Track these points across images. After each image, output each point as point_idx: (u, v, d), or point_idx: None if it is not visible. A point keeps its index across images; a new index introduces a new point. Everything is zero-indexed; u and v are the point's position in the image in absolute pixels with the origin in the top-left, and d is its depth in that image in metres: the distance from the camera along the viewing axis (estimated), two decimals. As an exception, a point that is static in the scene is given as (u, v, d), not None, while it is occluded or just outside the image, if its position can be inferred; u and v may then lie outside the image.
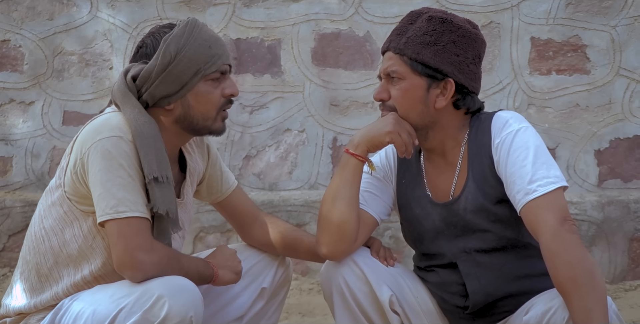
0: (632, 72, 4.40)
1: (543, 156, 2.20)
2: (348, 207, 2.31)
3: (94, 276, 2.22)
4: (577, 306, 2.02)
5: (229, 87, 2.28)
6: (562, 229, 2.10)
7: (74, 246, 2.22)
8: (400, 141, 2.28)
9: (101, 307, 2.10)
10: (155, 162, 2.16)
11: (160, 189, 2.16)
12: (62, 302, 2.21)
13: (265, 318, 2.54)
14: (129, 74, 2.26)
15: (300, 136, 4.60)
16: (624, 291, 4.17)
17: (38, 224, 2.27)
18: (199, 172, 2.48)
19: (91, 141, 2.14)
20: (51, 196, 2.26)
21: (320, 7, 4.58)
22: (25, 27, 4.77)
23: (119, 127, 2.16)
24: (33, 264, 2.26)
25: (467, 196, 2.30)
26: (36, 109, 4.75)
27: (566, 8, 4.43)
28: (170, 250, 2.20)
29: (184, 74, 2.22)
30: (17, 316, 2.28)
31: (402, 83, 2.30)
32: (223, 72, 2.28)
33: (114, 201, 2.11)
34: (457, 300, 2.36)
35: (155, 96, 2.24)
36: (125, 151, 2.14)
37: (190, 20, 2.27)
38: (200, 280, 2.25)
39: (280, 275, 2.54)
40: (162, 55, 2.22)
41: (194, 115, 2.26)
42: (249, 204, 2.59)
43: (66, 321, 2.16)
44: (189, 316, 2.05)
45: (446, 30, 2.28)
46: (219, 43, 2.28)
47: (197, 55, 2.22)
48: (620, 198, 4.31)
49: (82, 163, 2.16)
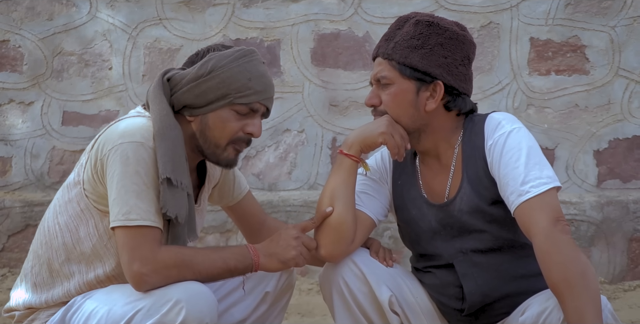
0: (631, 73, 4.40)
1: (536, 157, 2.21)
2: (344, 208, 2.31)
3: (107, 276, 2.22)
4: (570, 306, 2.02)
5: (252, 125, 2.25)
6: (555, 230, 2.10)
7: (87, 244, 2.21)
8: (392, 142, 2.29)
9: (116, 307, 2.10)
10: (171, 165, 2.14)
11: (172, 192, 2.14)
12: (74, 299, 2.21)
13: (268, 322, 2.54)
14: (167, 75, 2.26)
15: (299, 136, 4.60)
16: (623, 292, 4.17)
17: (52, 219, 2.27)
18: (216, 177, 2.48)
19: (112, 144, 2.14)
20: (69, 192, 2.25)
21: (319, 7, 4.58)
22: (25, 27, 4.77)
23: (142, 134, 2.15)
24: (45, 259, 2.26)
25: (462, 197, 2.30)
26: (35, 110, 4.76)
27: (565, 8, 4.43)
28: (181, 255, 2.15)
29: (211, 93, 2.21)
30: (26, 310, 2.28)
31: (391, 88, 2.30)
32: (254, 110, 2.25)
33: (126, 208, 2.10)
34: (453, 303, 2.36)
35: (179, 102, 2.24)
36: (144, 158, 2.12)
37: (247, 49, 2.26)
38: (234, 272, 2.21)
39: (284, 280, 2.54)
40: (200, 67, 2.22)
41: (208, 136, 2.24)
42: (258, 210, 2.60)
43: (78, 318, 2.16)
44: (205, 322, 2.06)
45: (433, 33, 2.29)
46: (263, 81, 2.26)
47: (231, 80, 2.21)
48: (619, 198, 4.32)
49: (101, 164, 2.15)
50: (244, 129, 2.25)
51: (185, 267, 2.14)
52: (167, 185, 2.13)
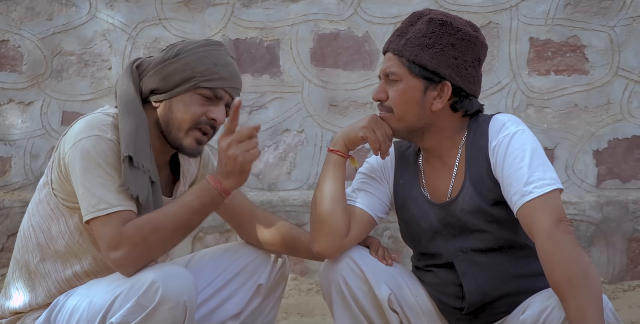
0: (631, 73, 4.40)
1: (539, 158, 2.21)
2: (332, 201, 2.33)
3: (85, 273, 2.24)
4: (572, 305, 2.02)
5: (215, 112, 2.27)
6: (558, 230, 2.10)
7: (61, 242, 2.24)
8: (373, 137, 2.32)
9: (97, 298, 2.12)
10: (133, 145, 2.15)
11: (133, 172, 2.14)
12: (56, 299, 2.23)
13: (263, 315, 2.55)
14: (136, 63, 2.31)
15: (299, 136, 4.60)
16: (623, 291, 4.17)
17: (27, 221, 2.30)
18: (192, 173, 2.49)
19: (72, 141, 2.17)
20: (39, 193, 2.28)
21: (319, 7, 4.58)
22: (24, 27, 4.77)
23: (99, 127, 2.17)
24: (22, 262, 2.29)
25: (465, 197, 2.30)
26: (35, 110, 4.76)
27: (565, 8, 4.43)
28: (144, 222, 2.12)
29: (177, 75, 2.24)
30: (13, 316, 2.30)
31: (399, 85, 2.31)
32: (218, 96, 2.27)
33: (95, 200, 2.12)
34: (453, 301, 2.36)
35: (147, 87, 2.27)
36: (104, 150, 2.15)
37: (215, 41, 2.30)
38: (204, 210, 2.17)
39: (276, 271, 2.55)
40: (166, 51, 2.27)
41: (171, 120, 2.26)
42: (245, 202, 2.58)
43: (62, 316, 2.17)
44: (183, 301, 2.06)
45: (445, 33, 2.29)
46: (229, 70, 2.28)
47: (197, 63, 2.24)
48: (618, 198, 4.32)
49: (64, 162, 2.18)
50: (207, 114, 2.27)
51: (154, 232, 2.11)
52: (129, 164, 2.14)
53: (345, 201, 2.36)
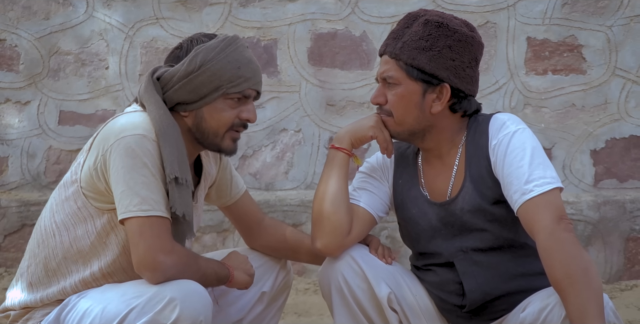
0: (628, 72, 4.41)
1: (539, 157, 2.21)
2: (335, 200, 2.33)
3: (102, 273, 2.22)
4: (573, 303, 2.02)
5: (247, 111, 2.28)
6: (558, 228, 2.11)
7: (85, 242, 2.21)
8: (382, 136, 2.34)
9: (111, 305, 2.09)
10: (177, 163, 2.15)
11: (179, 190, 2.15)
12: (69, 298, 2.21)
13: (264, 322, 2.54)
14: (156, 74, 2.27)
15: (296, 135, 4.60)
16: (620, 291, 4.17)
17: (49, 218, 2.26)
18: (212, 176, 2.48)
19: (114, 138, 2.13)
20: (65, 191, 2.24)
21: (316, 6, 4.58)
22: (21, 26, 4.76)
23: (143, 126, 2.15)
24: (41, 258, 2.25)
25: (465, 196, 2.30)
26: (32, 109, 4.75)
27: (562, 8, 4.44)
28: (189, 252, 2.20)
29: (204, 87, 2.22)
30: (22, 309, 2.27)
31: (398, 88, 2.30)
32: (246, 96, 2.27)
33: (138, 199, 2.10)
34: (454, 299, 2.36)
35: (172, 100, 2.24)
36: (149, 149, 2.13)
37: (230, 37, 2.27)
38: (217, 281, 2.26)
39: (281, 280, 2.54)
40: (188, 63, 2.22)
41: (205, 128, 2.26)
42: (255, 209, 2.60)
43: (73, 317, 2.15)
44: (199, 320, 2.06)
45: (442, 34, 2.28)
46: (251, 67, 2.27)
47: (222, 72, 2.22)
48: (616, 198, 4.32)
49: (103, 160, 2.15)
50: (239, 116, 2.27)
51: (195, 263, 2.17)
52: (175, 184, 2.14)
53: (348, 200, 2.36)
